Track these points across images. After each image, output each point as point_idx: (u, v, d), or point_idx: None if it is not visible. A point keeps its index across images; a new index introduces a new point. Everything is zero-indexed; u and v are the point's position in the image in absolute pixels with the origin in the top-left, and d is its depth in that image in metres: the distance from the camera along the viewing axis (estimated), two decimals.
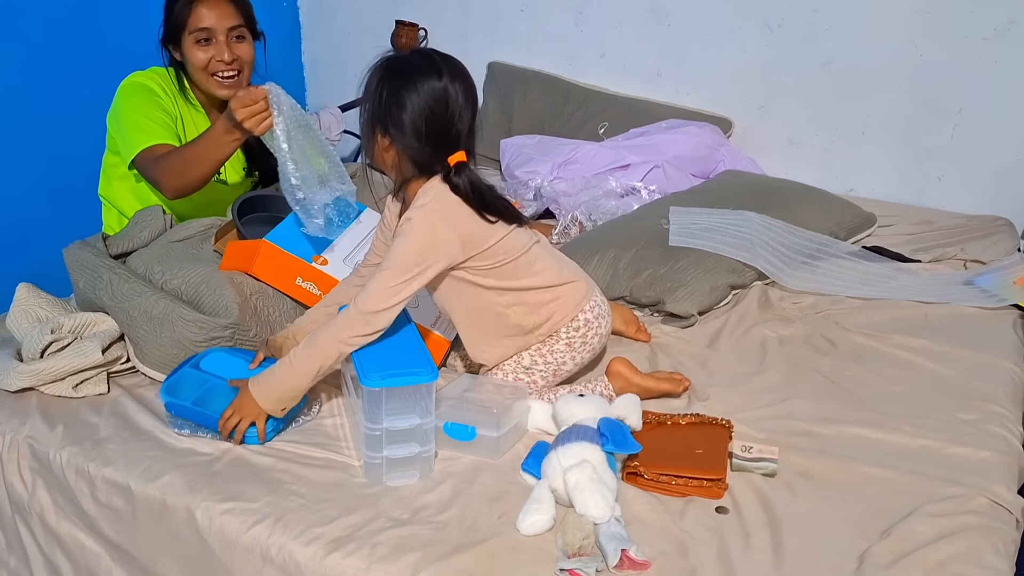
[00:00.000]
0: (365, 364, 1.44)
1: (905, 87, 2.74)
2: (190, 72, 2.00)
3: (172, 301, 1.74)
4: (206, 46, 1.95)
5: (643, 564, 1.25)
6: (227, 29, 1.96)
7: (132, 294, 1.75)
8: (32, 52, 2.62)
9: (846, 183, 2.89)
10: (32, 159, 2.65)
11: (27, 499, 1.58)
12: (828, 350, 1.88)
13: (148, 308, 1.72)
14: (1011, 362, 1.85)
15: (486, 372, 1.70)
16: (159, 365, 1.71)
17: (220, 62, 1.96)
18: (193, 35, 1.94)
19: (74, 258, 1.87)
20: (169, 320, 1.70)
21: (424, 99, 1.48)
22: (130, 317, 1.73)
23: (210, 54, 1.96)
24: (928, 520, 1.36)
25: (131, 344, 1.75)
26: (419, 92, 1.48)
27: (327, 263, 1.84)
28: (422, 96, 1.48)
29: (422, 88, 1.48)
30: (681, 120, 2.89)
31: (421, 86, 1.48)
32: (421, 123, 1.49)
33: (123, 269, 1.83)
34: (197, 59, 1.96)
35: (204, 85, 2.00)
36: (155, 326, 1.70)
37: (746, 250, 2.15)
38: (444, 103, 1.49)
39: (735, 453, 1.49)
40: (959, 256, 2.34)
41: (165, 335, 1.70)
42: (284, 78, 1.85)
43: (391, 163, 1.55)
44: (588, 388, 1.67)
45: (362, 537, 1.32)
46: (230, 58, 1.97)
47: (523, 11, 3.23)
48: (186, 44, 1.95)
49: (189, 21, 1.92)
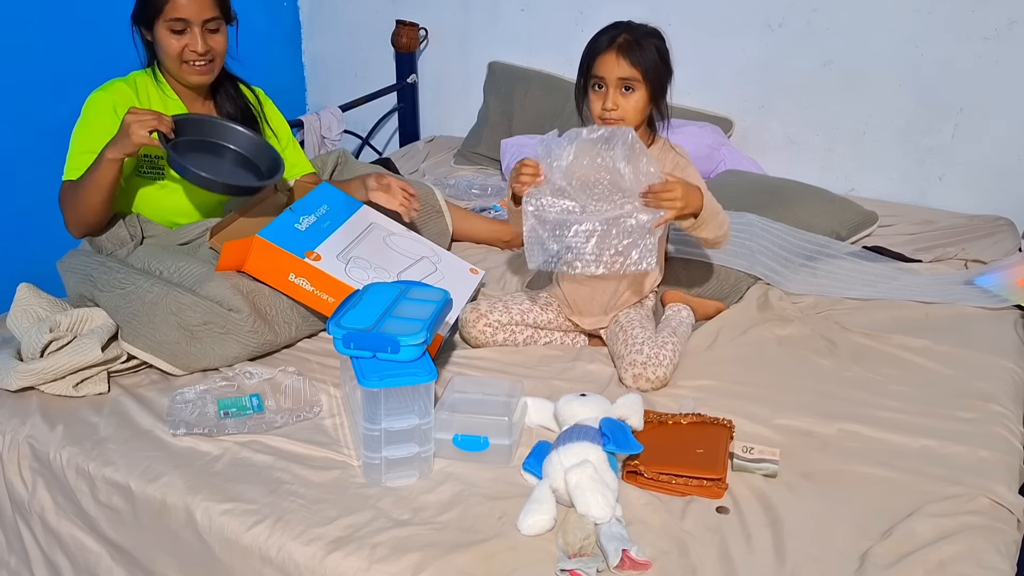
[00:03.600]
0: (364, 364, 1.44)
1: (906, 87, 2.74)
2: (160, 57, 1.98)
3: (167, 285, 1.75)
4: (180, 36, 1.92)
5: (644, 564, 1.25)
6: (203, 21, 1.93)
7: (125, 282, 1.77)
8: (33, 52, 2.62)
9: (847, 183, 2.89)
10: (32, 159, 2.65)
11: (27, 499, 1.58)
12: (829, 350, 1.88)
13: (141, 294, 1.74)
14: (1012, 362, 1.85)
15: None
16: (150, 346, 1.73)
17: (193, 52, 1.94)
18: (168, 23, 1.90)
19: (65, 265, 1.90)
20: (164, 303, 1.72)
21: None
22: (119, 301, 1.75)
23: (183, 43, 1.93)
24: (929, 520, 1.35)
25: (121, 327, 1.75)
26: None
27: (320, 258, 1.84)
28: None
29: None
30: (682, 120, 2.88)
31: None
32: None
33: (114, 262, 1.85)
34: (170, 47, 1.93)
35: (175, 72, 1.98)
36: (148, 308, 1.72)
37: (745, 257, 2.15)
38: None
39: (736, 454, 1.49)
40: (960, 256, 2.34)
41: (158, 317, 1.71)
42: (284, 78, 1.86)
43: (644, 115, 1.84)
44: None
45: (362, 537, 1.32)
46: (203, 49, 1.94)
47: (523, 11, 3.23)
48: (159, 30, 1.92)
49: (166, 9, 1.89)
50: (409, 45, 3.41)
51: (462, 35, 3.39)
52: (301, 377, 1.73)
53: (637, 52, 1.77)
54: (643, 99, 1.79)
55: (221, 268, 1.82)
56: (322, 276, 1.81)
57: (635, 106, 1.79)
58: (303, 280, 1.82)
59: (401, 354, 1.44)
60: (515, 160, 2.86)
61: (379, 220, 2.05)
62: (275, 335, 1.82)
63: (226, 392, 1.69)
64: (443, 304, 1.61)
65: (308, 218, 1.92)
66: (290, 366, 1.78)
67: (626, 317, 1.87)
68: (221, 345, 1.75)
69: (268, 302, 1.82)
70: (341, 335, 1.47)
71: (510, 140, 3.00)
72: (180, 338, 1.73)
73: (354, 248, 1.92)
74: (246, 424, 1.59)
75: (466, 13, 3.34)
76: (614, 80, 1.78)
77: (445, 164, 3.20)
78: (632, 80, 1.77)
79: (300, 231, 1.87)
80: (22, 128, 2.62)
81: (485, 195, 2.82)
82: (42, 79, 2.65)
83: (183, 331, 1.73)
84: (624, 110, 1.79)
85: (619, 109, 1.79)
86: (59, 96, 2.68)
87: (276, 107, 2.24)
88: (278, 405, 1.65)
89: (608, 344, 1.89)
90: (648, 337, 1.78)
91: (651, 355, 1.73)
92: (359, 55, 3.60)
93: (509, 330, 1.91)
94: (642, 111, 1.81)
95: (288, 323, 1.84)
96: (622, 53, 1.77)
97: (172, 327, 1.72)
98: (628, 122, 1.79)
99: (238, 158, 2.02)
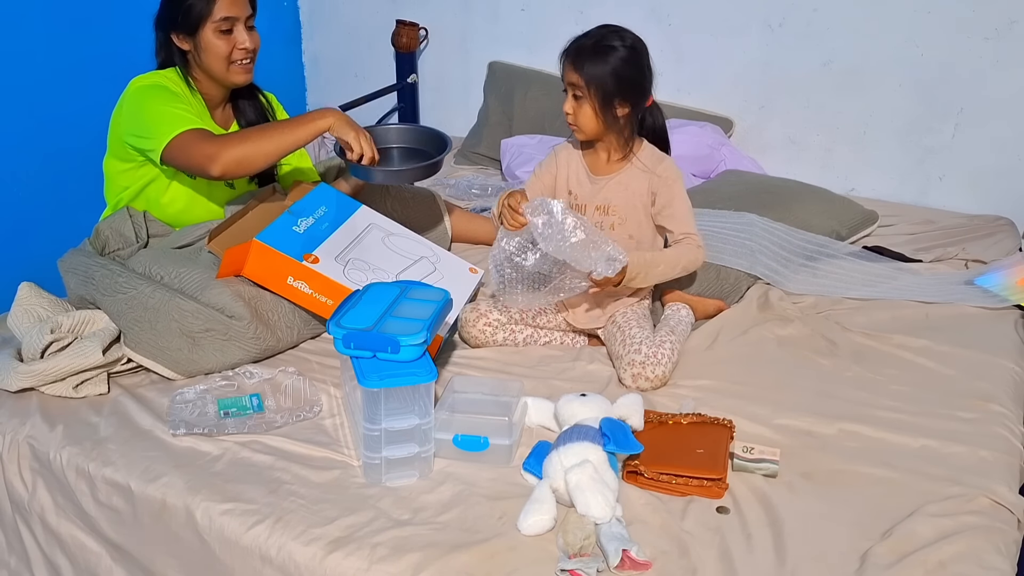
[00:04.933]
0: (364, 364, 1.44)
1: (906, 87, 2.74)
2: (204, 63, 1.98)
3: (169, 292, 1.75)
4: (227, 35, 1.95)
5: (644, 564, 1.25)
6: (245, 18, 1.98)
7: (128, 287, 1.76)
8: (32, 52, 2.62)
9: (847, 183, 2.89)
10: (32, 159, 2.65)
11: (27, 499, 1.58)
12: (829, 350, 1.88)
13: (143, 299, 1.74)
14: (1012, 362, 1.85)
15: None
16: (152, 352, 1.73)
17: (242, 50, 1.98)
18: (215, 24, 1.93)
19: (66, 264, 1.90)
20: (166, 309, 1.72)
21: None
22: (122, 307, 1.74)
23: (232, 43, 1.96)
24: (929, 520, 1.35)
25: (123, 332, 1.75)
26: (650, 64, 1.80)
27: (318, 261, 1.83)
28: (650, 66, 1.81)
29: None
30: (682, 120, 2.89)
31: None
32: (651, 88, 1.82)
33: (115, 265, 1.84)
34: (219, 49, 1.95)
35: (221, 74, 1.99)
36: (150, 314, 1.72)
37: (746, 257, 2.15)
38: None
39: (736, 454, 1.49)
40: (960, 256, 2.34)
41: (161, 323, 1.71)
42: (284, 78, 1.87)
43: (599, 125, 1.80)
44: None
45: (362, 537, 1.32)
46: (252, 45, 1.99)
47: (523, 11, 3.23)
48: (205, 34, 1.94)
49: (213, 11, 1.92)
50: (409, 45, 3.41)
51: (462, 35, 3.39)
52: (301, 377, 1.73)
53: (586, 60, 1.75)
54: (590, 109, 1.77)
55: (222, 275, 1.82)
56: (321, 279, 1.81)
57: (586, 114, 1.78)
58: (302, 283, 1.81)
59: (401, 354, 1.44)
60: (515, 160, 2.87)
61: (378, 220, 2.05)
62: (277, 340, 1.82)
63: (226, 392, 1.69)
64: (443, 304, 1.61)
65: (306, 220, 1.92)
66: (290, 366, 1.78)
67: (623, 317, 1.87)
68: (223, 351, 1.75)
69: (270, 307, 1.81)
70: (341, 335, 1.47)
71: (510, 140, 3.00)
72: (182, 344, 1.72)
73: (353, 249, 1.92)
74: (246, 424, 1.59)
75: (466, 13, 3.34)
76: (567, 84, 1.79)
77: (445, 164, 3.18)
78: (578, 88, 1.76)
79: (298, 233, 1.87)
80: (22, 128, 2.62)
81: (485, 195, 2.82)
82: (42, 79, 2.65)
83: (185, 338, 1.72)
84: (577, 116, 1.80)
85: (574, 115, 1.80)
86: (59, 96, 2.68)
87: (285, 111, 2.25)
88: (278, 405, 1.65)
89: (606, 344, 1.89)
90: (646, 336, 1.78)
91: (649, 354, 1.73)
92: (359, 55, 3.60)
93: (509, 329, 1.91)
94: (594, 120, 1.78)
95: (290, 327, 1.84)
96: (572, 59, 1.77)
97: (174, 333, 1.72)
98: (583, 129, 1.80)
99: (403, 153, 2.15)
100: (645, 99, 1.83)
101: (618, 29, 1.80)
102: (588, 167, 1.90)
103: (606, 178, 1.87)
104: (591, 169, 1.89)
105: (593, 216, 1.88)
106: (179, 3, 1.94)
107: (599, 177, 1.88)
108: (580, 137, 1.85)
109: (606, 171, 1.88)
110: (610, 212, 1.87)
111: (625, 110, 1.79)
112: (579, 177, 1.90)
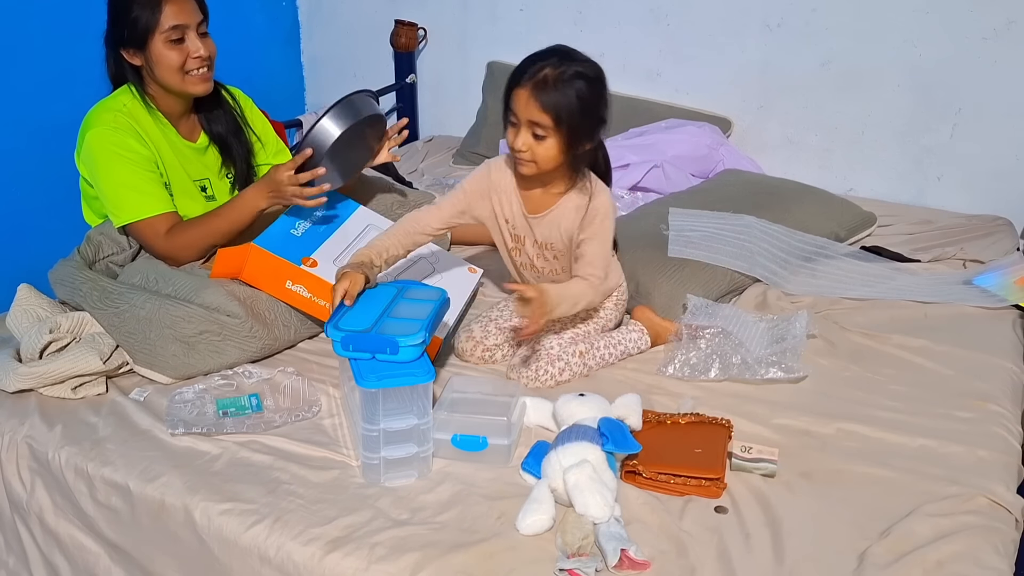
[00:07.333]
0: (362, 365, 1.44)
1: (905, 87, 2.74)
2: (158, 76, 1.90)
3: (159, 299, 1.74)
4: (179, 45, 1.87)
5: (643, 564, 1.25)
6: (196, 24, 1.89)
7: (119, 302, 1.75)
8: (32, 52, 2.62)
9: (846, 183, 2.89)
10: (32, 159, 2.65)
11: (26, 499, 1.58)
12: (827, 350, 1.88)
13: (134, 311, 1.73)
14: (1010, 362, 1.85)
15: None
16: (147, 361, 1.72)
17: (196, 59, 1.89)
18: (164, 35, 1.84)
19: (56, 276, 1.88)
20: (158, 317, 1.71)
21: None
22: (113, 320, 1.74)
23: (184, 53, 1.87)
24: (927, 520, 1.35)
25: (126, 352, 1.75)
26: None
27: (316, 264, 1.83)
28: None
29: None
30: (680, 120, 2.90)
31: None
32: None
33: (104, 280, 1.83)
34: (171, 60, 1.87)
35: (177, 86, 1.90)
36: (143, 324, 1.71)
37: (744, 259, 2.15)
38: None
39: (735, 453, 1.49)
40: (958, 256, 2.34)
41: (154, 332, 1.71)
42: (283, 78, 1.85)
43: (559, 161, 1.68)
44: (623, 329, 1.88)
45: (361, 537, 1.32)
46: (206, 53, 1.90)
47: (523, 11, 3.23)
48: (155, 46, 1.86)
49: (160, 21, 1.84)
50: (408, 45, 3.41)
51: (461, 35, 3.39)
52: (300, 377, 1.73)
53: (553, 94, 1.58)
54: (555, 147, 1.63)
55: (216, 275, 1.82)
56: (319, 282, 1.81)
57: (547, 153, 1.63)
58: (300, 287, 1.81)
59: (400, 355, 1.44)
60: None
61: (376, 221, 2.05)
62: (274, 339, 1.82)
63: (225, 392, 1.69)
64: (441, 303, 1.61)
65: (303, 223, 1.91)
66: (289, 366, 1.78)
67: (560, 322, 1.82)
68: (220, 352, 1.74)
69: (266, 306, 1.81)
70: (340, 337, 1.47)
71: None
72: (178, 350, 1.72)
73: (349, 252, 1.91)
74: (245, 424, 1.59)
75: (465, 13, 3.35)
76: (525, 120, 1.62)
77: (444, 164, 3.20)
78: (543, 126, 1.61)
79: (296, 237, 1.87)
80: (22, 128, 2.62)
81: None
82: (42, 79, 2.65)
83: (180, 343, 1.72)
84: (535, 154, 1.65)
85: (529, 151, 1.65)
86: (59, 96, 2.68)
87: (257, 107, 2.18)
88: (277, 405, 1.65)
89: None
90: (547, 344, 1.76)
91: (528, 358, 1.75)
92: (358, 55, 3.61)
93: (506, 347, 1.86)
94: (555, 158, 1.65)
95: (287, 326, 1.84)
96: (535, 92, 1.59)
97: (168, 340, 1.71)
98: (540, 166, 1.66)
99: (347, 133, 1.95)
100: (604, 129, 1.70)
101: (573, 54, 1.64)
102: (523, 201, 1.79)
103: (542, 214, 1.77)
104: (525, 202, 1.78)
105: (532, 251, 1.83)
106: (124, 16, 1.84)
107: (535, 215, 1.78)
108: (530, 172, 1.69)
109: (542, 204, 1.77)
110: (548, 247, 1.81)
111: (590, 145, 1.68)
112: (512, 208, 1.80)
